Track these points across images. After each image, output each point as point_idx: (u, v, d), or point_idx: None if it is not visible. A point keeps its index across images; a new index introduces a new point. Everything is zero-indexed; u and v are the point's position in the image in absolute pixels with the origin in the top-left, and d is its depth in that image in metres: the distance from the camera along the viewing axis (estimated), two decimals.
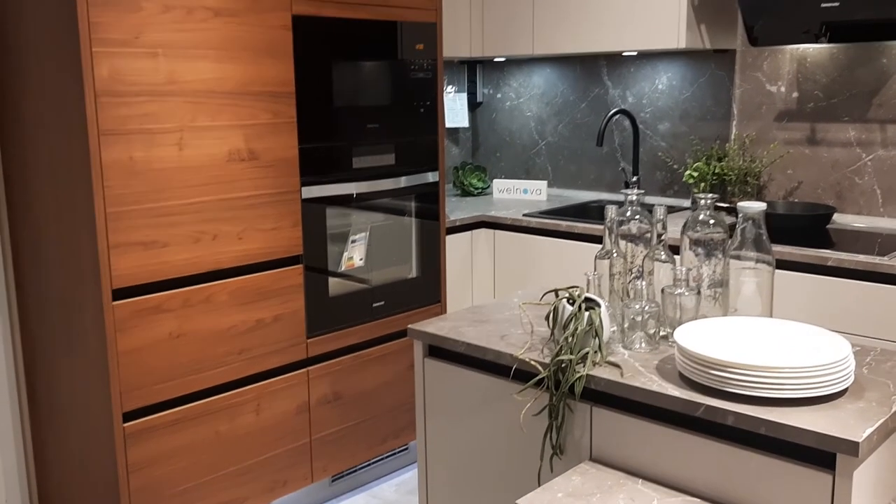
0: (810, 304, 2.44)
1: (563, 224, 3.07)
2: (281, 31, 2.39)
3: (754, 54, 3.05)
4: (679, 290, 1.58)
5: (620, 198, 3.50)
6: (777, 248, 2.51)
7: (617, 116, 3.47)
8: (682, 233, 1.67)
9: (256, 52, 2.33)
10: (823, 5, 2.59)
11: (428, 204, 2.94)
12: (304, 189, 2.51)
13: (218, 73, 2.25)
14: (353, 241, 2.68)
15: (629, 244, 1.72)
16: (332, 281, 2.64)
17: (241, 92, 2.31)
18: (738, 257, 1.61)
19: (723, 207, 2.85)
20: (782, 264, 2.50)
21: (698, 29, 2.90)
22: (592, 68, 3.56)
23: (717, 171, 3.07)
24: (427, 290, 2.97)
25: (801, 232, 2.71)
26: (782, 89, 3.00)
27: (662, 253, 1.66)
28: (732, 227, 1.62)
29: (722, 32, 3.02)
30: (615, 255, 1.71)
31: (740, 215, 1.58)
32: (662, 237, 1.67)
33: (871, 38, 2.69)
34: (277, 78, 2.39)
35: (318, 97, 2.52)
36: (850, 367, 1.35)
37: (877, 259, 2.34)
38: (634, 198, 1.72)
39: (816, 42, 2.74)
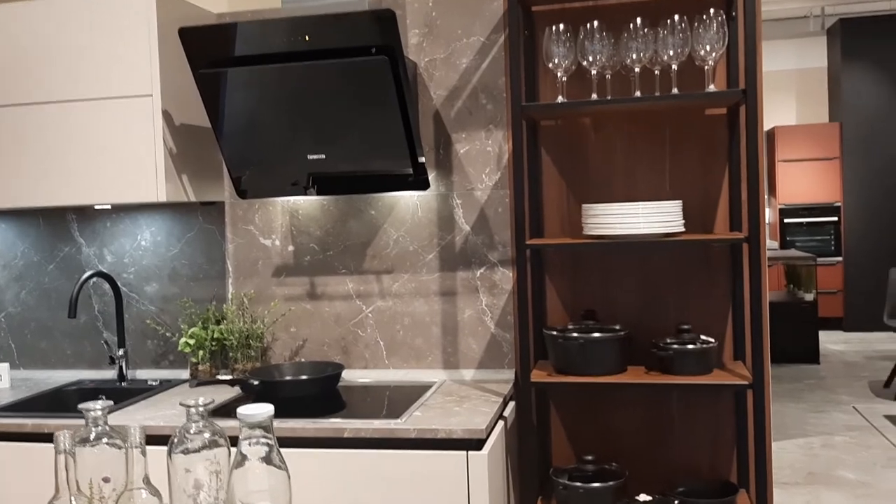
0: (333, 488, 2.17)
1: (30, 423, 2.38)
2: None
3: (244, 207, 2.83)
4: None
5: (108, 375, 2.92)
6: (289, 423, 2.22)
7: (94, 280, 2.92)
8: (169, 454, 1.24)
9: None
10: (310, 157, 2.48)
11: None
12: None
13: None
14: None
15: (94, 480, 1.23)
16: None
17: None
18: (243, 475, 1.23)
19: (225, 381, 2.49)
20: (297, 442, 2.20)
21: (180, 180, 2.57)
22: (59, 224, 2.98)
23: (215, 335, 2.72)
24: None
25: (311, 398, 2.48)
26: (277, 243, 2.82)
27: (144, 491, 1.20)
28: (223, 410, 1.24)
29: (208, 183, 2.74)
30: (72, 500, 1.20)
31: (241, 426, 1.21)
32: (143, 463, 1.22)
33: (356, 190, 2.65)
34: None
35: None
36: None
37: (392, 423, 2.19)
38: (99, 413, 1.25)
39: (305, 194, 2.61)
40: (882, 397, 5.93)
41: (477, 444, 2.15)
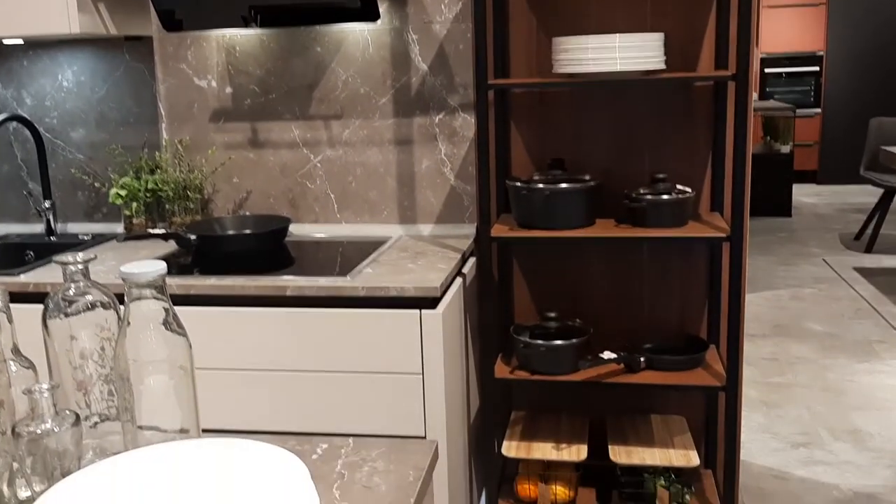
0: (273, 345, 2.02)
1: None
2: None
3: (175, 42, 2.52)
4: (45, 425, 0.95)
5: (37, 229, 2.70)
6: (226, 280, 2.03)
7: (14, 125, 2.64)
8: (44, 322, 1.04)
9: None
10: None
11: None
12: None
13: None
14: None
15: None
16: None
17: None
18: (134, 343, 1.04)
19: (158, 235, 2.28)
20: (236, 300, 2.03)
21: (97, 10, 2.25)
22: None
23: (150, 186, 2.48)
24: None
25: (257, 253, 2.29)
26: (213, 84, 2.53)
27: (13, 362, 1.01)
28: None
29: (131, 16, 2.42)
30: None
31: (127, 288, 1.01)
32: (10, 330, 1.03)
33: (300, 21, 2.35)
34: None
35: None
36: None
37: (339, 281, 2.01)
38: None
39: (247, 27, 2.31)
40: (853, 249, 5.89)
41: (431, 303, 1.98)
